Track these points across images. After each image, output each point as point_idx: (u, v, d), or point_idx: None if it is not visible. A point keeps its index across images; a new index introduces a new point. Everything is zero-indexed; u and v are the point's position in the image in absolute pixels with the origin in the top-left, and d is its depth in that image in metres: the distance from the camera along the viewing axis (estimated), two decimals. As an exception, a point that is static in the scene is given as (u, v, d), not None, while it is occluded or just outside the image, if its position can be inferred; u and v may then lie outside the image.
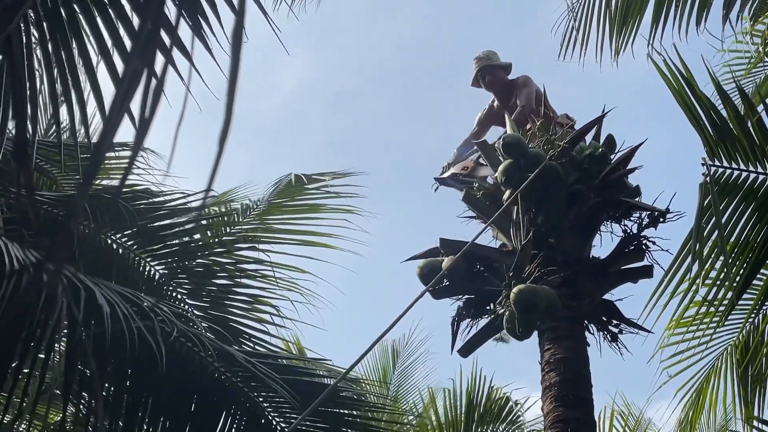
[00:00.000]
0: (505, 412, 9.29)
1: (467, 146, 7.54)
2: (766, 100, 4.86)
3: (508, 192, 6.37)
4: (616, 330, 6.43)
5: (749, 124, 5.11)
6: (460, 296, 6.69)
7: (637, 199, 6.56)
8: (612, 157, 6.66)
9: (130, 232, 5.77)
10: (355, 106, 20.84)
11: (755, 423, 6.32)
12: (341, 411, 5.85)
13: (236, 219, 6.28)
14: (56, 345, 4.76)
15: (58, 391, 4.92)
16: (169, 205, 5.93)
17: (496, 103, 7.56)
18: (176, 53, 3.11)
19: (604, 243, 6.58)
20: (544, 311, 5.80)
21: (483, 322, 6.65)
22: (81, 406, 5.18)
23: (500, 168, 6.41)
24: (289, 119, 21.37)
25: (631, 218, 6.53)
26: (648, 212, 6.44)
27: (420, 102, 19.82)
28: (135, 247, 5.83)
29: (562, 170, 6.33)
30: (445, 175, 7.30)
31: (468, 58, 7.58)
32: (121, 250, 5.77)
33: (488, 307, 6.62)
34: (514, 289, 5.87)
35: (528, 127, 6.98)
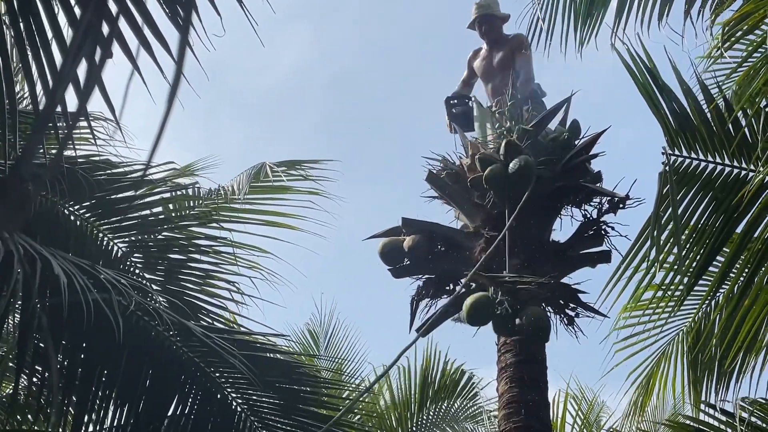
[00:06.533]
0: (460, 387, 9.34)
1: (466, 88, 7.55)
2: (757, 105, 4.92)
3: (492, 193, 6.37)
4: (572, 313, 6.49)
5: (708, 115, 5.18)
6: (420, 276, 6.71)
7: (598, 185, 6.60)
8: (576, 142, 6.70)
9: (88, 203, 5.71)
10: (352, 86, 20.67)
11: (703, 407, 6.43)
12: (298, 387, 5.87)
13: (199, 194, 6.23)
14: (10, 316, 4.71)
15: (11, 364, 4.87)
16: (129, 176, 5.87)
17: (484, 51, 7.58)
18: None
19: (564, 227, 6.64)
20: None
21: (442, 302, 6.68)
22: (34, 379, 5.13)
23: (486, 173, 6.33)
24: (285, 97, 21.12)
25: (592, 203, 6.57)
26: (608, 198, 6.49)
27: (418, 84, 19.71)
28: (93, 219, 5.77)
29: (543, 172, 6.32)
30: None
31: (468, 39, 7.58)
32: (78, 222, 5.71)
33: (448, 288, 6.66)
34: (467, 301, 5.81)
35: (497, 102, 7.01)
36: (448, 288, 6.65)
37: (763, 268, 5.47)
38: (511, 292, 5.77)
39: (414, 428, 9.07)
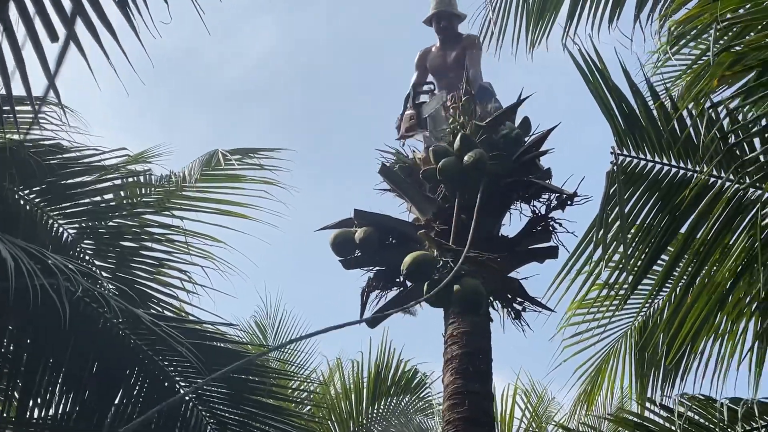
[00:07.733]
0: (413, 385, 9.40)
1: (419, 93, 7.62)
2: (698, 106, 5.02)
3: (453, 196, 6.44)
4: (520, 307, 6.59)
5: (656, 116, 5.28)
6: (371, 268, 6.76)
7: (547, 182, 6.70)
8: (526, 139, 6.79)
9: (38, 188, 5.65)
10: (317, 79, 20.55)
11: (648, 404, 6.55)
12: (247, 377, 5.88)
13: (151, 181, 6.17)
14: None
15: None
16: (81, 161, 5.81)
17: (436, 48, 7.64)
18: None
19: (513, 222, 6.73)
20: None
21: (392, 294, 6.75)
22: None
23: (440, 165, 6.39)
24: (250, 88, 20.90)
25: (541, 199, 6.67)
26: (557, 194, 6.59)
27: (382, 78, 19.64)
28: (43, 204, 5.71)
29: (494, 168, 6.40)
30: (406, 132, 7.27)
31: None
32: (28, 207, 5.64)
33: (398, 280, 6.72)
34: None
35: (451, 98, 7.08)
36: (398, 280, 6.72)
37: (705, 268, 5.59)
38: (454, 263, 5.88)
39: (365, 421, 9.12)
